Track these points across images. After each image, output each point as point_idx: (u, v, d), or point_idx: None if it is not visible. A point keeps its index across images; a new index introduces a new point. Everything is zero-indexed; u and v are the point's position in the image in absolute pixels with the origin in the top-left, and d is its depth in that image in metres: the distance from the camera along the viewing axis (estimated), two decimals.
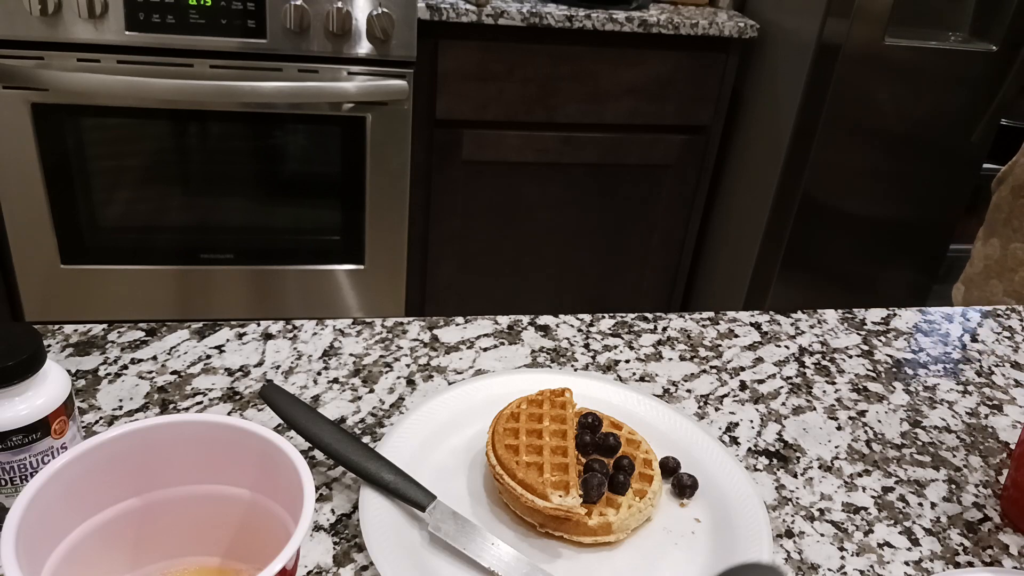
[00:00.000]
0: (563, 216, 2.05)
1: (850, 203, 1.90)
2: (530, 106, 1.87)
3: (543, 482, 0.54)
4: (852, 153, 1.83)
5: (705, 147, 2.04)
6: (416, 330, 0.77)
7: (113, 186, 1.74)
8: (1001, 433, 0.72)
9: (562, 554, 0.54)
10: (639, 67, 1.88)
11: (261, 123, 1.74)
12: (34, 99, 1.62)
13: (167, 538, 0.46)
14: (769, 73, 1.92)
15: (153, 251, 1.83)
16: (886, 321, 0.88)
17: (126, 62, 1.62)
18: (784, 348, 0.80)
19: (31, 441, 0.47)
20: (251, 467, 0.45)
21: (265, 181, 1.81)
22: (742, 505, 0.58)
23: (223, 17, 1.60)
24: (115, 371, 0.67)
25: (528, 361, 0.74)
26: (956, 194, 1.95)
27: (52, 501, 0.40)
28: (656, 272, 2.19)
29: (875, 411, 0.72)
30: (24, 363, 0.46)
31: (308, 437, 0.56)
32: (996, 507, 0.63)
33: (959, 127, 1.85)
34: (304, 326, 0.75)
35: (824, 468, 0.65)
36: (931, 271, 2.07)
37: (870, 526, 0.59)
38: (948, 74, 1.77)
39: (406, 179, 1.85)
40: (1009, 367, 0.82)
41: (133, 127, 1.69)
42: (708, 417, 0.69)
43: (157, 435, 0.44)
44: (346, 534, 0.54)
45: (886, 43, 1.71)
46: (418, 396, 0.68)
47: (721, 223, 2.16)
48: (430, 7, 1.70)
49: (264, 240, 1.87)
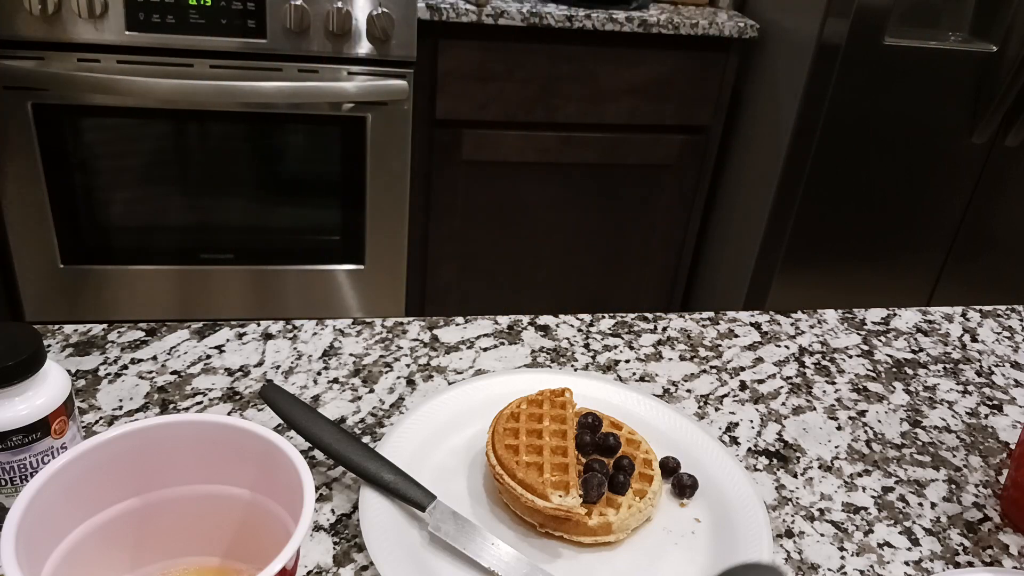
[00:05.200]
0: (563, 216, 2.05)
1: (850, 203, 1.90)
2: (530, 106, 1.87)
3: (543, 482, 0.54)
4: (852, 153, 1.83)
5: (705, 147, 2.04)
6: (416, 330, 0.77)
7: (113, 186, 1.74)
8: (1001, 433, 0.71)
9: (562, 554, 0.54)
10: (639, 67, 1.88)
11: (261, 123, 1.74)
12: (34, 99, 1.62)
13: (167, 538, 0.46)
14: (769, 73, 1.92)
15: (153, 251, 1.83)
16: (886, 321, 0.88)
17: (126, 62, 1.62)
18: (784, 348, 0.80)
19: (31, 441, 0.47)
20: (251, 467, 0.45)
21: (265, 181, 1.81)
22: (742, 505, 0.58)
23: (223, 17, 1.60)
24: (115, 371, 0.67)
25: (528, 361, 0.74)
26: (956, 194, 1.95)
27: (52, 501, 0.40)
28: (656, 272, 2.19)
29: (875, 411, 0.72)
30: (24, 363, 0.46)
31: (308, 437, 0.56)
32: (996, 507, 0.63)
33: (959, 127, 1.85)
34: (304, 326, 0.75)
35: (824, 468, 0.65)
36: (931, 271, 2.07)
37: (870, 526, 0.59)
38: (948, 74, 1.77)
39: (406, 179, 1.85)
40: (1009, 367, 0.82)
41: (133, 127, 1.69)
42: (708, 417, 0.69)
43: (157, 435, 0.44)
44: (346, 534, 0.54)
45: (886, 43, 1.71)
46: (418, 396, 0.68)
47: (721, 223, 2.16)
48: (430, 7, 1.70)
49: (264, 240, 1.87)
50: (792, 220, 1.89)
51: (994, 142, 1.88)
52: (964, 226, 2.00)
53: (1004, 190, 1.96)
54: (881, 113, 1.79)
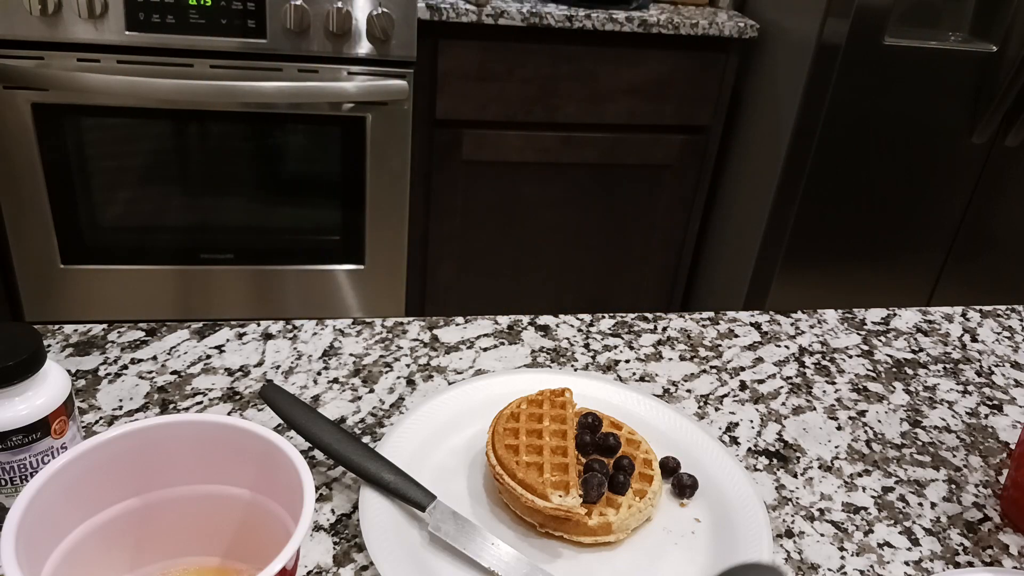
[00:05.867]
0: (563, 216, 2.05)
1: (850, 203, 1.90)
2: (530, 106, 1.87)
3: (543, 482, 0.54)
4: (852, 153, 1.83)
5: (705, 147, 2.04)
6: (416, 330, 0.77)
7: (113, 186, 1.74)
8: (1001, 433, 0.71)
9: (562, 554, 0.54)
10: (639, 67, 1.88)
11: (261, 123, 1.74)
12: (34, 99, 1.62)
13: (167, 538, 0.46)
14: (769, 73, 1.92)
15: (153, 251, 1.83)
16: (886, 321, 0.88)
17: (126, 62, 1.62)
18: (784, 348, 0.80)
19: (31, 441, 0.47)
20: (251, 467, 0.45)
21: (265, 181, 1.81)
22: (742, 505, 0.58)
23: (223, 17, 1.60)
24: (115, 371, 0.67)
25: (528, 361, 0.74)
26: (956, 194, 1.95)
27: (52, 501, 0.40)
28: (656, 272, 2.19)
29: (875, 411, 0.72)
30: (24, 363, 0.46)
31: (308, 437, 0.56)
32: (996, 507, 0.63)
33: (959, 127, 1.85)
34: (304, 326, 0.75)
35: (824, 468, 0.65)
36: (931, 271, 2.07)
37: (870, 526, 0.59)
38: (948, 74, 1.77)
39: (406, 179, 1.85)
40: (1009, 367, 0.82)
41: (133, 127, 1.69)
42: (708, 417, 0.69)
43: (157, 435, 0.44)
44: (346, 534, 0.54)
45: (886, 43, 1.71)
46: (418, 396, 0.68)
47: (721, 223, 2.16)
48: (430, 7, 1.70)
49: (264, 240, 1.87)
50: (792, 220, 1.89)
51: (994, 142, 1.88)
52: (964, 226, 2.00)
53: (1004, 190, 1.96)
54: (881, 113, 1.79)
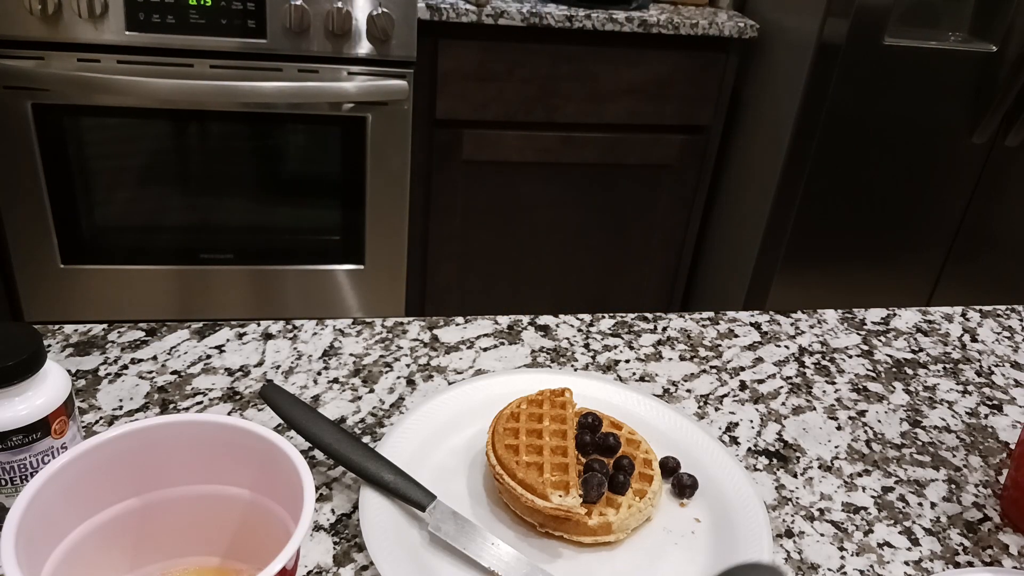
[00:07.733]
0: (563, 216, 2.05)
1: (850, 203, 1.90)
2: (530, 106, 1.87)
3: (543, 482, 0.54)
4: (852, 153, 1.83)
5: (705, 147, 2.04)
6: (416, 330, 0.77)
7: (113, 186, 1.74)
8: (1001, 433, 0.71)
9: (562, 554, 0.54)
10: (639, 67, 1.88)
11: (261, 123, 1.74)
12: (34, 99, 1.62)
13: (167, 538, 0.46)
14: (769, 73, 1.92)
15: (153, 251, 1.83)
16: (886, 321, 0.88)
17: (126, 62, 1.62)
18: (784, 348, 0.80)
19: (31, 441, 0.47)
20: (251, 467, 0.45)
21: (265, 181, 1.81)
22: (742, 505, 0.58)
23: (223, 17, 1.60)
24: (115, 371, 0.67)
25: (528, 361, 0.74)
26: (956, 194, 1.95)
27: (52, 501, 0.40)
28: (656, 272, 2.19)
29: (875, 411, 0.72)
30: (24, 363, 0.46)
31: (308, 437, 0.56)
32: (996, 507, 0.63)
33: (959, 127, 1.85)
34: (304, 326, 0.75)
35: (824, 468, 0.65)
36: (931, 271, 2.07)
37: (870, 526, 0.59)
38: (948, 74, 1.77)
39: (406, 179, 1.85)
40: (1009, 367, 0.82)
41: (133, 127, 1.69)
42: (708, 417, 0.69)
43: (157, 435, 0.44)
44: (346, 534, 0.54)
45: (886, 43, 1.71)
46: (418, 396, 0.68)
47: (721, 223, 2.16)
48: (430, 7, 1.70)
49: (264, 240, 1.87)
50: (792, 220, 1.89)
51: (994, 142, 1.88)
52: (964, 226, 2.00)
53: (1004, 190, 1.96)
54: (881, 113, 1.79)
